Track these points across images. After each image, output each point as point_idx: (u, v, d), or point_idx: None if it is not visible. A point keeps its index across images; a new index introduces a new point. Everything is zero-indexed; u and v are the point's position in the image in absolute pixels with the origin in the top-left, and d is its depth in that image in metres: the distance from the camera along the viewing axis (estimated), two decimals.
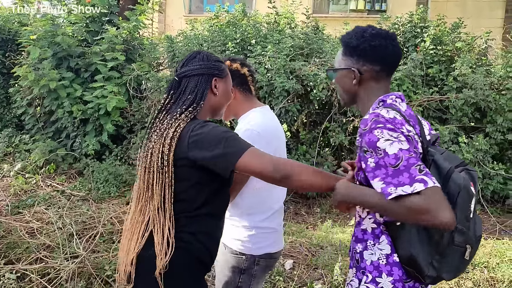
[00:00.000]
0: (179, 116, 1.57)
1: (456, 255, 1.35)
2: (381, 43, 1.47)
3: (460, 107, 5.47)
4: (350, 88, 1.54)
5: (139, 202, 1.59)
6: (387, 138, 1.29)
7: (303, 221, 5.10)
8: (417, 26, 6.05)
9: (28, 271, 3.31)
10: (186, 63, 1.66)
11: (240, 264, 1.95)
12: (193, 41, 6.27)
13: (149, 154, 1.57)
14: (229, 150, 1.46)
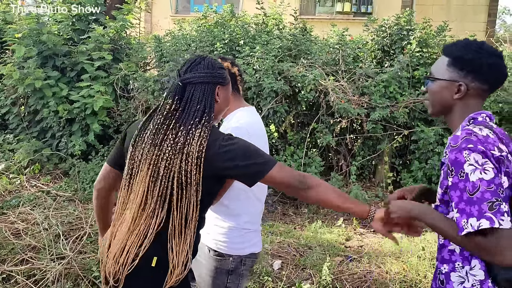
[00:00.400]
0: (195, 130, 1.54)
1: None
2: (497, 62, 1.43)
3: None
4: (448, 101, 1.50)
5: (139, 211, 1.55)
6: (472, 164, 1.28)
7: (291, 222, 5.12)
8: (404, 28, 6.12)
9: (13, 272, 3.26)
10: (191, 68, 1.62)
11: (227, 265, 1.95)
12: (181, 41, 6.24)
13: (161, 164, 1.53)
14: (260, 161, 1.53)
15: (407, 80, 5.83)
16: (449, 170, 1.34)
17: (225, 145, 1.53)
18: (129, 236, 1.54)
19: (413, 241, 4.46)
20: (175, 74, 1.68)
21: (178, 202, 1.52)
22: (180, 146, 1.52)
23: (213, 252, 1.96)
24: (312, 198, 1.60)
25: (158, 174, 1.53)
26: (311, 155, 5.78)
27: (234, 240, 1.96)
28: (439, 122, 5.71)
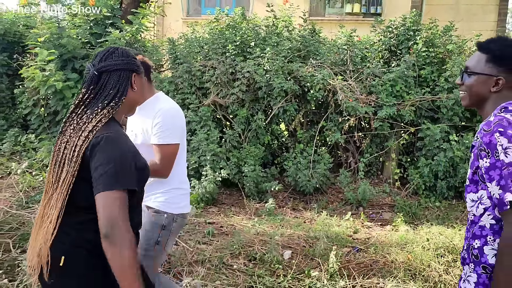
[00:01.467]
0: (100, 111, 1.58)
1: None
2: None
3: (451, 107, 5.71)
4: (485, 93, 1.62)
5: (46, 194, 1.59)
6: (501, 145, 1.43)
7: (301, 216, 5.32)
8: (410, 29, 6.28)
9: None
10: (105, 58, 1.65)
11: (161, 221, 2.26)
12: (194, 44, 6.48)
13: (62, 148, 1.57)
14: (105, 179, 1.45)
15: (413, 79, 6.00)
16: (483, 152, 1.48)
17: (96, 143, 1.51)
18: (37, 229, 1.59)
19: (419, 233, 4.64)
20: (89, 65, 1.69)
21: (61, 179, 1.52)
22: (80, 126, 1.55)
23: (151, 210, 2.28)
24: (106, 252, 1.43)
25: (59, 158, 1.57)
26: (320, 152, 5.97)
27: (170, 200, 2.31)
28: (444, 120, 5.87)
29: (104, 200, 1.43)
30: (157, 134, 2.23)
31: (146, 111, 2.26)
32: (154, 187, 2.30)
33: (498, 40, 1.63)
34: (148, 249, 2.26)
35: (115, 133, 1.55)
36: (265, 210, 5.32)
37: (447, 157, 5.56)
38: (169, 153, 2.24)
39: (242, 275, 3.60)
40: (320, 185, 5.76)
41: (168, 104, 2.33)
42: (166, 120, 2.24)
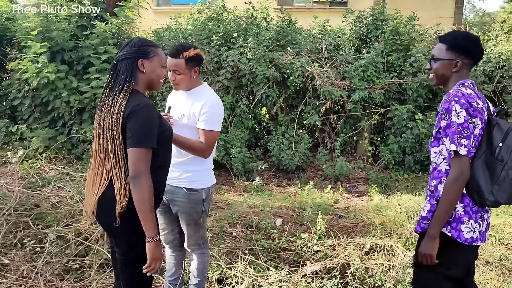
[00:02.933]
0: (118, 94, 1.98)
1: (510, 186, 1.90)
2: (477, 44, 2.09)
3: (416, 89, 6.37)
4: (448, 74, 2.08)
5: (96, 159, 2.07)
6: (455, 110, 1.91)
7: (286, 191, 5.87)
8: (378, 19, 6.88)
9: (63, 233, 3.92)
10: (122, 48, 2.08)
11: (201, 196, 2.70)
12: (179, 35, 6.87)
13: (101, 123, 2.00)
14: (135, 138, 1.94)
15: (382, 65, 6.62)
16: (443, 115, 1.95)
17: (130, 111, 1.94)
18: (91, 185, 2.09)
19: (391, 201, 5.28)
20: None
21: (111, 152, 1.98)
22: (109, 108, 1.98)
23: (189, 191, 2.69)
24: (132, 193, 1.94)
25: (100, 131, 2.02)
26: (300, 134, 6.53)
27: (204, 178, 2.72)
28: (410, 101, 6.53)
29: (132, 155, 1.93)
30: (204, 121, 2.61)
31: (195, 97, 2.65)
32: (190, 166, 2.71)
33: (453, 33, 2.15)
34: (198, 221, 2.75)
35: (142, 104, 1.98)
36: (253, 187, 5.84)
37: (413, 134, 6.23)
38: (212, 137, 2.64)
39: (242, 240, 4.11)
40: (301, 163, 6.32)
41: (214, 95, 2.71)
42: (213, 110, 2.61)
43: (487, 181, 1.92)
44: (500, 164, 1.90)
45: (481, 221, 2.03)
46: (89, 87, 6.51)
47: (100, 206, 2.05)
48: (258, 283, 3.37)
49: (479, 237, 2.03)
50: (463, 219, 1.99)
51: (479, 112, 1.96)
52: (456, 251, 2.04)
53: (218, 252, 3.80)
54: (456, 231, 1.99)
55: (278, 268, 3.61)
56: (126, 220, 2.03)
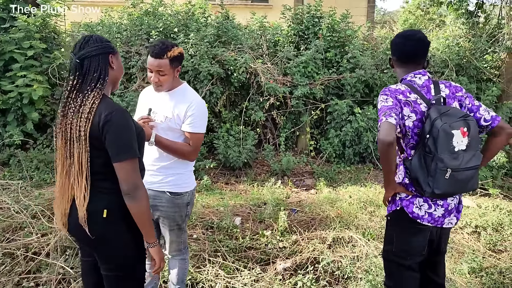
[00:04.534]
0: (90, 93, 1.81)
1: (441, 176, 1.97)
2: (401, 42, 2.21)
3: (353, 84, 6.64)
4: (394, 69, 2.32)
5: (63, 168, 1.90)
6: (380, 100, 2.11)
7: (235, 189, 5.82)
8: (315, 16, 7.06)
9: (8, 248, 3.52)
10: (83, 46, 1.85)
11: (185, 199, 2.62)
12: (113, 29, 6.49)
13: (68, 128, 1.83)
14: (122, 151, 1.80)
15: (321, 61, 6.80)
16: None
17: (104, 120, 1.78)
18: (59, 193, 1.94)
19: (339, 193, 5.47)
20: (71, 55, 1.89)
21: (76, 155, 1.83)
22: (77, 108, 1.81)
23: (173, 194, 2.58)
24: (130, 207, 1.84)
25: (67, 137, 1.85)
26: (245, 130, 6.51)
27: (187, 180, 2.62)
28: (348, 96, 6.79)
29: (123, 168, 1.80)
30: (191, 124, 2.50)
31: (178, 98, 2.52)
32: (174, 170, 2.57)
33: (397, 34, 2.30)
34: (181, 225, 2.63)
35: (119, 109, 1.83)
36: (202, 186, 5.71)
37: (353, 127, 6.49)
38: (199, 140, 2.55)
39: (206, 242, 4.00)
40: (248, 160, 6.31)
41: (197, 96, 2.60)
42: (198, 112, 2.51)
43: (424, 172, 2.01)
44: (430, 156, 1.98)
45: (433, 203, 2.14)
46: (14, 86, 5.92)
47: (71, 220, 1.93)
48: (232, 285, 3.31)
49: (426, 218, 2.15)
50: (412, 198, 2.17)
51: (409, 104, 2.07)
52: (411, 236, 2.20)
53: None
54: (406, 205, 2.18)
55: (248, 267, 3.58)
56: (115, 234, 1.92)
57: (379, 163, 6.63)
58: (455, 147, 1.97)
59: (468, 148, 2.00)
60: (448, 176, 1.97)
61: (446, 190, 2.01)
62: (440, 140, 1.94)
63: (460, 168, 1.98)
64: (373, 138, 6.54)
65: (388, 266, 2.38)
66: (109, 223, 1.89)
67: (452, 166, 1.96)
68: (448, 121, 1.95)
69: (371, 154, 6.66)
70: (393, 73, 6.69)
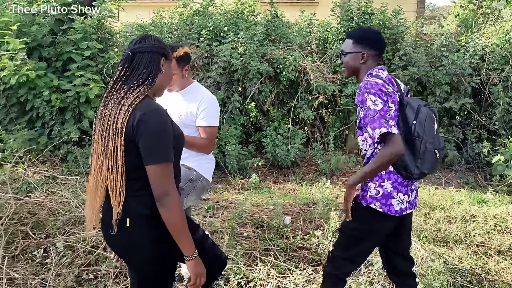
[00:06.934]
0: (136, 88, 1.74)
1: (430, 156, 2.09)
2: (380, 37, 2.30)
3: (406, 82, 6.43)
4: (357, 66, 2.28)
5: (97, 162, 1.77)
6: (370, 100, 2.07)
7: (283, 187, 5.79)
8: (366, 13, 6.90)
9: (69, 241, 3.67)
10: (139, 41, 1.82)
11: (190, 175, 2.72)
12: (164, 29, 6.62)
13: (105, 119, 1.73)
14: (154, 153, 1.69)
15: None
16: (359, 108, 2.13)
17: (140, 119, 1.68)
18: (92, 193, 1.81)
19: None
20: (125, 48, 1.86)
21: (110, 149, 1.70)
22: (119, 100, 1.72)
23: (184, 166, 2.69)
24: (161, 213, 1.71)
25: (104, 129, 1.74)
26: (293, 129, 6.46)
27: (201, 164, 2.78)
28: None
29: (155, 172, 1.68)
30: (204, 118, 2.64)
31: (191, 96, 2.66)
32: (190, 158, 2.73)
33: (358, 29, 2.34)
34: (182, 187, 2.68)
35: (157, 109, 1.74)
36: (250, 184, 5.73)
37: None
38: (213, 133, 2.70)
39: (257, 240, 4.00)
40: (296, 159, 6.26)
41: (208, 92, 2.74)
42: (210, 106, 2.65)
43: (410, 157, 2.09)
44: (418, 140, 2.07)
45: (410, 192, 2.24)
46: (72, 85, 6.16)
47: (105, 219, 1.83)
48: (284, 285, 3.28)
49: (408, 207, 2.24)
50: (393, 194, 2.18)
51: (389, 95, 2.12)
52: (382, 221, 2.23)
53: (236, 255, 3.68)
54: (386, 206, 2.18)
55: (299, 267, 3.54)
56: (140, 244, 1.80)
57: None
58: (435, 130, 2.13)
59: (437, 132, 2.16)
60: (438, 155, 2.12)
61: (432, 169, 2.14)
62: (427, 124, 2.07)
63: (440, 147, 2.14)
64: None
65: (347, 241, 2.39)
66: (135, 231, 1.78)
67: (437, 146, 2.11)
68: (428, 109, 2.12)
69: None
70: (440, 70, 6.43)
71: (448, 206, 4.84)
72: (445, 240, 4.04)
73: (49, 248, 3.63)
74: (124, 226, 1.76)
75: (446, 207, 4.80)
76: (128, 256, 1.87)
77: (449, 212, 4.69)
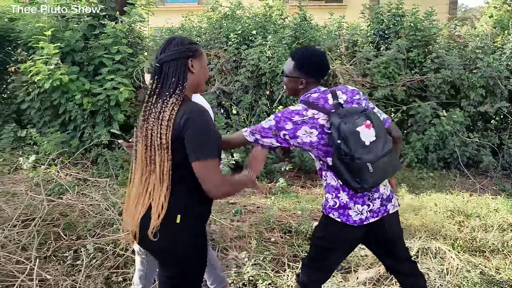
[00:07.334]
0: (169, 99, 1.78)
1: (365, 171, 2.04)
2: (319, 60, 2.23)
3: (438, 85, 6.27)
4: (296, 88, 2.28)
5: (143, 174, 1.84)
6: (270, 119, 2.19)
7: (311, 192, 5.72)
8: (396, 15, 6.77)
9: (99, 243, 3.71)
10: (164, 50, 1.84)
11: None
12: (193, 33, 6.67)
13: (148, 134, 1.80)
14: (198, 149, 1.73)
15: (403, 61, 6.50)
16: None
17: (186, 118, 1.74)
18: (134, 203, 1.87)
19: (422, 200, 5.17)
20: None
21: (156, 163, 1.78)
22: (157, 115, 1.77)
23: None
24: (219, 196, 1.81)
25: (147, 143, 1.81)
26: None
27: None
28: (432, 97, 6.42)
29: (203, 166, 1.73)
30: None
31: None
32: None
33: (300, 52, 2.27)
34: None
35: (200, 109, 1.79)
36: (277, 189, 5.68)
37: (437, 131, 6.12)
38: None
39: (285, 246, 3.95)
40: None
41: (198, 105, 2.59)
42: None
43: (348, 174, 2.07)
44: (347, 158, 2.04)
45: (371, 201, 2.21)
46: (102, 89, 6.28)
47: (142, 227, 1.84)
48: None
49: (370, 216, 2.20)
50: (349, 205, 2.18)
51: (306, 123, 2.13)
52: (343, 231, 2.21)
53: (263, 260, 3.64)
54: (344, 216, 2.18)
55: None
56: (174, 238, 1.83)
57: (465, 169, 6.21)
58: (365, 141, 2.05)
59: (377, 137, 2.07)
60: (371, 169, 2.06)
61: (374, 181, 2.09)
62: (350, 141, 2.03)
63: (377, 158, 2.06)
64: (459, 142, 6.13)
65: (314, 250, 2.40)
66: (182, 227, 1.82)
67: (370, 159, 2.04)
68: (351, 121, 2.05)
69: (457, 160, 6.24)
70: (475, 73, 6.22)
71: (483, 214, 4.66)
72: (481, 250, 3.89)
73: (80, 249, 3.69)
74: (172, 223, 1.80)
75: (482, 215, 4.63)
76: (168, 253, 1.86)
77: (485, 220, 4.52)
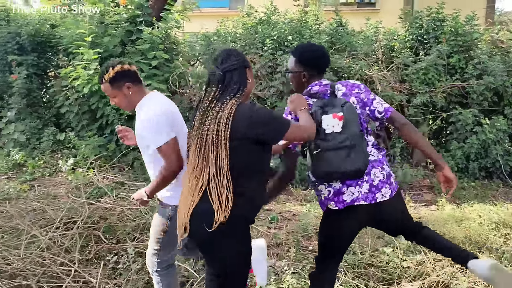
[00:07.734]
0: (229, 100, 1.93)
1: (322, 158, 2.15)
2: (320, 55, 2.35)
3: (480, 92, 6.06)
4: (300, 83, 2.37)
5: (193, 171, 1.96)
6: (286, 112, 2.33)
7: None
8: (436, 19, 6.60)
9: (139, 247, 3.74)
10: (225, 60, 2.02)
11: (167, 213, 2.41)
12: (228, 39, 6.68)
13: (204, 135, 1.92)
14: (277, 126, 1.95)
15: (443, 67, 6.33)
16: None
17: (248, 116, 1.89)
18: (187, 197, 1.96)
19: (464, 211, 4.99)
20: (213, 68, 2.02)
21: (212, 160, 1.89)
22: (215, 115, 1.91)
23: (159, 202, 2.48)
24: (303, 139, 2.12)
25: (202, 143, 1.93)
26: None
27: (174, 195, 2.35)
28: (473, 105, 6.22)
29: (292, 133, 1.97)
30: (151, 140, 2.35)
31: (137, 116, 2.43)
32: None
33: (300, 48, 2.39)
34: (159, 237, 2.48)
35: (256, 104, 2.01)
36: (313, 196, 5.60)
37: (479, 139, 5.92)
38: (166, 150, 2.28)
39: None
40: None
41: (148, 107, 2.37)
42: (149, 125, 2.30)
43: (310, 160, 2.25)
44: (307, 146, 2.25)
45: (361, 183, 2.24)
46: None
47: (194, 220, 1.94)
48: None
49: (360, 197, 2.24)
50: (343, 190, 2.24)
51: None
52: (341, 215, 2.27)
53: (302, 269, 3.58)
54: (340, 203, 2.24)
55: (369, 286, 3.38)
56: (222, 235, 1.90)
57: (509, 179, 5.98)
58: (326, 129, 2.16)
59: (343, 129, 2.15)
60: (325, 155, 2.14)
61: (327, 168, 2.15)
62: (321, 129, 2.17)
63: (332, 147, 2.13)
64: (503, 151, 5.91)
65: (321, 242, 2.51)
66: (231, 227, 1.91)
67: (324, 146, 2.14)
68: (327, 109, 2.18)
69: (499, 169, 6.01)
70: None
71: None
72: None
73: (120, 253, 3.72)
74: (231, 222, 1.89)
75: None
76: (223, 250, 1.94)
77: None
